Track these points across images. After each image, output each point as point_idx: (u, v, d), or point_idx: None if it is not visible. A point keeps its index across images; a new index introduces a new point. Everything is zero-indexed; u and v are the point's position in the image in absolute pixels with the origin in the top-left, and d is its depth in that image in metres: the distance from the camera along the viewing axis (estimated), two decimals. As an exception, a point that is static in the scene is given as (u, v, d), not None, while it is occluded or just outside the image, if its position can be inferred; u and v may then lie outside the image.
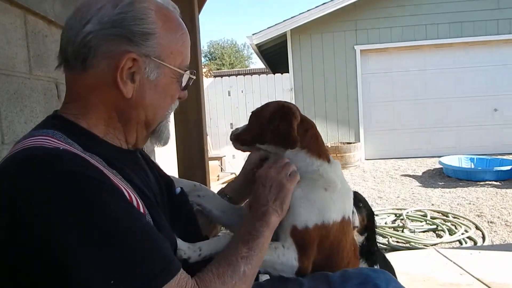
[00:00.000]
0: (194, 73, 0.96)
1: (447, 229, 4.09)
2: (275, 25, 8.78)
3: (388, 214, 4.66)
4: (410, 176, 7.04)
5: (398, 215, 4.60)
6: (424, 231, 4.15)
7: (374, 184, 6.60)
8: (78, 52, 0.81)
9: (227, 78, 9.56)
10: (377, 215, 4.13)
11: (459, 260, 2.90)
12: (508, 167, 6.28)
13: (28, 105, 1.59)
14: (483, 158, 7.28)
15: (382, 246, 3.66)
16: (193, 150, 2.73)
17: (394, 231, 4.06)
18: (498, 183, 6.02)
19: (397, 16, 8.51)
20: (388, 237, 3.91)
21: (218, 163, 7.52)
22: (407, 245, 3.75)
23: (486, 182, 6.10)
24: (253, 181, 1.09)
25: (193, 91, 2.50)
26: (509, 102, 8.64)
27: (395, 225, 4.32)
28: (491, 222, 4.33)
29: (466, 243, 3.79)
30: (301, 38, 8.79)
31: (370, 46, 8.68)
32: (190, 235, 0.98)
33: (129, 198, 0.76)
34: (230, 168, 8.24)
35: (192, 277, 0.79)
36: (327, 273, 1.05)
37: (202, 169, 2.74)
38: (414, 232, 4.10)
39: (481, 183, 6.06)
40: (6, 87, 1.45)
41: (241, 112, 9.11)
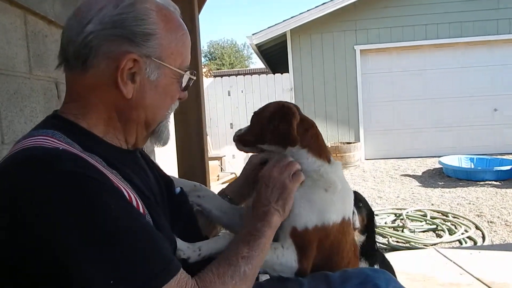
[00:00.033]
0: (194, 73, 0.96)
1: (447, 229, 4.09)
2: (275, 25, 8.78)
3: (388, 214, 4.67)
4: (410, 176, 7.04)
5: (398, 215, 4.60)
6: (424, 231, 4.15)
7: (374, 184, 6.60)
8: (79, 52, 0.81)
9: (227, 78, 9.56)
10: (377, 215, 4.13)
11: (459, 260, 2.90)
12: (508, 167, 6.28)
13: (28, 105, 1.58)
14: (483, 158, 7.28)
15: (382, 246, 3.67)
16: (193, 150, 2.73)
17: (394, 231, 4.06)
18: (498, 183, 6.02)
19: (397, 16, 8.50)
20: (388, 237, 3.91)
21: (218, 163, 7.52)
22: (407, 245, 3.75)
23: (486, 182, 6.10)
24: (254, 182, 1.09)
25: (193, 91, 2.50)
26: (509, 102, 8.64)
27: (395, 225, 4.32)
28: (491, 222, 4.33)
29: (466, 243, 3.79)
30: (301, 38, 8.79)
31: (370, 46, 8.67)
32: (190, 235, 0.98)
33: (128, 198, 0.76)
34: (230, 168, 8.24)
35: (192, 277, 0.79)
36: (327, 273, 1.05)
37: (202, 169, 2.73)
38: (414, 232, 4.10)
39: (481, 183, 6.06)
40: (6, 87, 1.45)
41: (241, 112, 9.11)
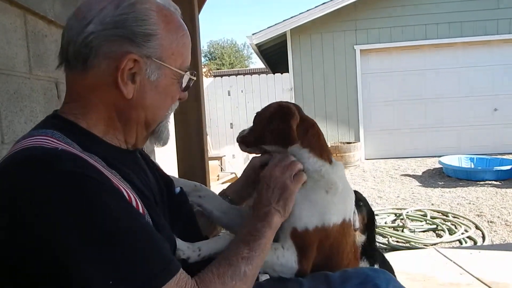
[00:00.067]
0: (195, 74, 0.95)
1: (447, 228, 4.09)
2: (275, 25, 8.77)
3: (388, 214, 4.66)
4: (410, 176, 7.04)
5: (398, 215, 4.60)
6: (424, 231, 4.15)
7: (374, 184, 6.60)
8: (79, 52, 0.81)
9: (227, 78, 9.56)
10: (377, 215, 4.12)
11: (459, 259, 2.90)
12: (508, 167, 6.28)
13: (28, 105, 1.58)
14: (483, 158, 7.28)
15: (382, 246, 3.67)
16: (193, 150, 2.73)
17: (394, 231, 4.06)
18: (498, 183, 6.02)
19: (397, 16, 8.50)
20: (388, 236, 3.91)
21: (218, 163, 7.52)
22: (407, 244, 3.75)
23: (486, 182, 6.10)
24: (254, 182, 1.09)
25: (193, 91, 2.49)
26: (509, 102, 8.63)
27: (395, 224, 4.32)
28: (491, 222, 4.33)
29: (466, 243, 3.79)
30: (301, 38, 8.79)
31: (370, 46, 8.67)
32: (190, 235, 0.98)
33: (128, 198, 0.76)
34: (230, 168, 8.24)
35: (192, 277, 0.79)
36: (327, 273, 1.05)
37: (202, 169, 2.73)
38: (414, 231, 4.10)
39: (481, 183, 6.06)
40: (6, 87, 1.45)
41: (241, 112, 9.11)
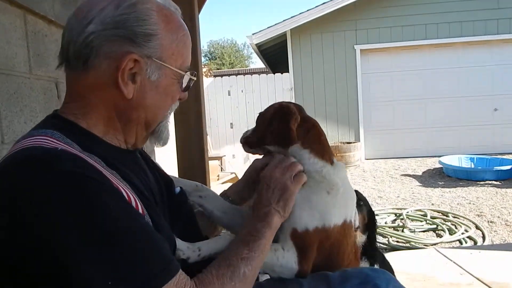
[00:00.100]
0: (195, 74, 0.95)
1: (447, 228, 4.09)
2: (275, 24, 8.77)
3: (388, 214, 4.66)
4: (410, 175, 7.04)
5: (398, 215, 4.60)
6: (424, 231, 4.15)
7: (374, 183, 6.60)
8: (80, 52, 0.81)
9: (227, 77, 9.56)
10: (377, 215, 4.12)
11: (459, 259, 2.90)
12: (508, 167, 6.28)
13: (28, 104, 1.58)
14: (483, 157, 7.28)
15: (382, 246, 3.67)
16: (193, 150, 2.73)
17: (394, 231, 4.06)
18: (498, 183, 6.02)
19: (397, 16, 8.50)
20: (388, 236, 3.91)
21: (218, 163, 7.52)
22: (407, 244, 3.75)
23: (486, 182, 6.10)
24: (256, 183, 1.09)
25: (193, 91, 2.49)
26: (509, 102, 8.63)
27: (395, 224, 4.32)
28: (491, 222, 4.33)
29: (466, 243, 3.79)
30: (301, 38, 8.79)
31: (370, 46, 8.67)
32: (190, 235, 0.98)
33: (127, 198, 0.76)
34: (230, 168, 8.24)
35: (191, 278, 0.79)
36: (327, 273, 1.05)
37: (202, 169, 2.73)
38: (414, 231, 4.10)
39: (481, 183, 6.06)
40: (6, 87, 1.45)
41: (241, 111, 9.11)
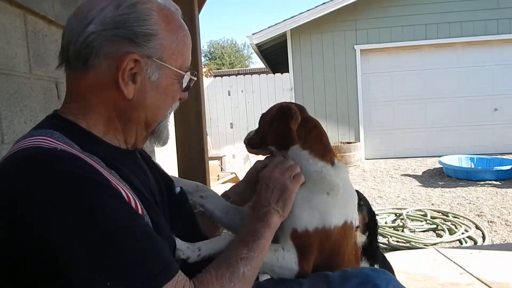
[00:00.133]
0: (195, 74, 0.95)
1: (447, 228, 4.09)
2: (275, 24, 8.78)
3: (388, 214, 4.66)
4: (410, 175, 7.04)
5: (398, 215, 4.60)
6: (424, 231, 4.15)
7: (374, 183, 6.60)
8: (80, 52, 0.81)
9: (227, 77, 9.56)
10: (377, 215, 4.12)
11: (459, 259, 2.90)
12: (508, 167, 6.28)
13: (28, 104, 1.58)
14: (483, 157, 7.28)
15: (382, 246, 3.67)
16: (193, 150, 2.73)
17: (394, 231, 4.06)
18: (498, 183, 6.02)
19: (397, 16, 8.50)
20: (388, 236, 3.91)
21: (218, 163, 7.52)
22: (407, 244, 3.75)
23: (486, 182, 6.10)
24: (257, 183, 1.09)
25: (193, 91, 2.48)
26: (509, 102, 8.64)
27: (395, 224, 4.32)
28: (491, 222, 4.33)
29: (466, 243, 3.79)
30: (301, 38, 8.79)
31: (370, 46, 8.67)
32: (190, 235, 0.97)
33: (127, 199, 0.76)
34: (230, 167, 8.23)
35: (190, 279, 0.79)
36: (327, 272, 1.05)
37: (202, 169, 2.73)
38: (414, 231, 4.10)
39: (481, 183, 6.06)
40: (6, 87, 1.45)
41: (241, 111, 9.11)
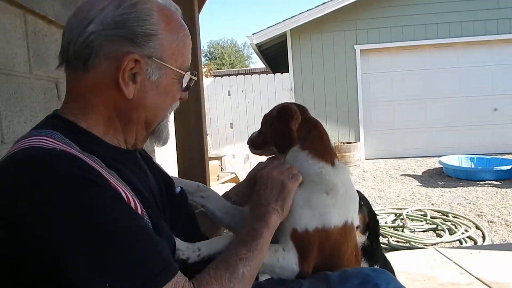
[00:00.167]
0: (195, 74, 0.95)
1: (447, 228, 4.09)
2: (275, 24, 8.78)
3: (388, 214, 4.66)
4: (410, 175, 7.04)
5: (398, 215, 4.60)
6: (424, 231, 4.15)
7: (374, 183, 6.60)
8: (80, 52, 0.81)
9: (227, 77, 9.56)
10: (377, 215, 4.12)
11: (459, 259, 2.90)
12: (508, 167, 6.28)
13: (28, 104, 1.58)
14: (483, 157, 7.28)
15: (382, 245, 3.66)
16: (193, 150, 2.73)
17: (394, 231, 4.06)
18: (498, 183, 6.02)
19: (397, 16, 8.50)
20: (388, 236, 3.91)
21: (218, 163, 7.52)
22: (407, 244, 3.75)
23: (486, 182, 6.10)
24: (255, 183, 1.09)
25: (193, 91, 2.48)
26: (509, 102, 8.64)
27: (395, 224, 4.32)
28: (491, 222, 4.33)
29: (466, 243, 3.79)
30: (301, 38, 8.79)
31: (370, 46, 8.67)
32: (190, 235, 0.97)
33: (126, 199, 0.76)
34: (230, 167, 8.23)
35: (190, 279, 0.79)
36: (327, 272, 1.05)
37: (202, 169, 2.73)
38: (414, 231, 4.10)
39: (481, 183, 6.06)
40: (6, 87, 1.45)
41: (241, 111, 9.11)
